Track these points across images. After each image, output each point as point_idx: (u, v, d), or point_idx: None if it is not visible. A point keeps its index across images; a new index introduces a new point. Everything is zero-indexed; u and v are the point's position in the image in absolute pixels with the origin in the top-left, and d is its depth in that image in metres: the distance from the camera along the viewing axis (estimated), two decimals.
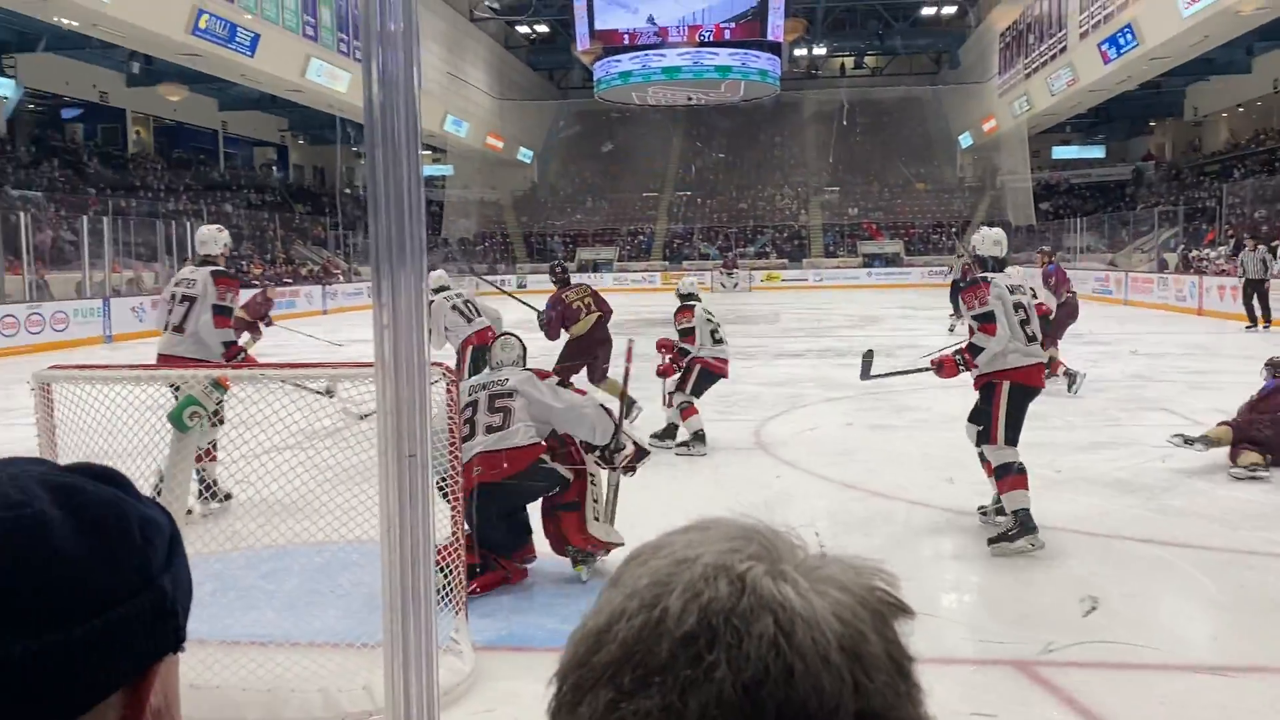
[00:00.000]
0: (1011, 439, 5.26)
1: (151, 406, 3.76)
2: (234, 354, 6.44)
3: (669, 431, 8.12)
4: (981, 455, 5.48)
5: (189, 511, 5.36)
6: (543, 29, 47.16)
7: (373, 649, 3.47)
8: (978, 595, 4.72)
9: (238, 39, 24.81)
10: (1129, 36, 26.26)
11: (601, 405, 5.06)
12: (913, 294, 33.21)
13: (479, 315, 8.93)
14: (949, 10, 44.08)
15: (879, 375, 6.59)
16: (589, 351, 9.35)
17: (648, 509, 5.81)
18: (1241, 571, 4.75)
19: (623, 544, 4.79)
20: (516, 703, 3.43)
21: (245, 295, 13.43)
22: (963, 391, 10.41)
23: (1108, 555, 5.04)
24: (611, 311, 9.44)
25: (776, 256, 43.56)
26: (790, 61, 40.26)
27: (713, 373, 8.22)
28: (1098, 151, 44.02)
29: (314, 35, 28.83)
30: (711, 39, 33.59)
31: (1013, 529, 5.06)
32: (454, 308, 8.95)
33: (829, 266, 41.42)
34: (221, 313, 6.31)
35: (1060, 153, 44.08)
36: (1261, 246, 17.79)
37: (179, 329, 6.32)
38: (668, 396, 8.18)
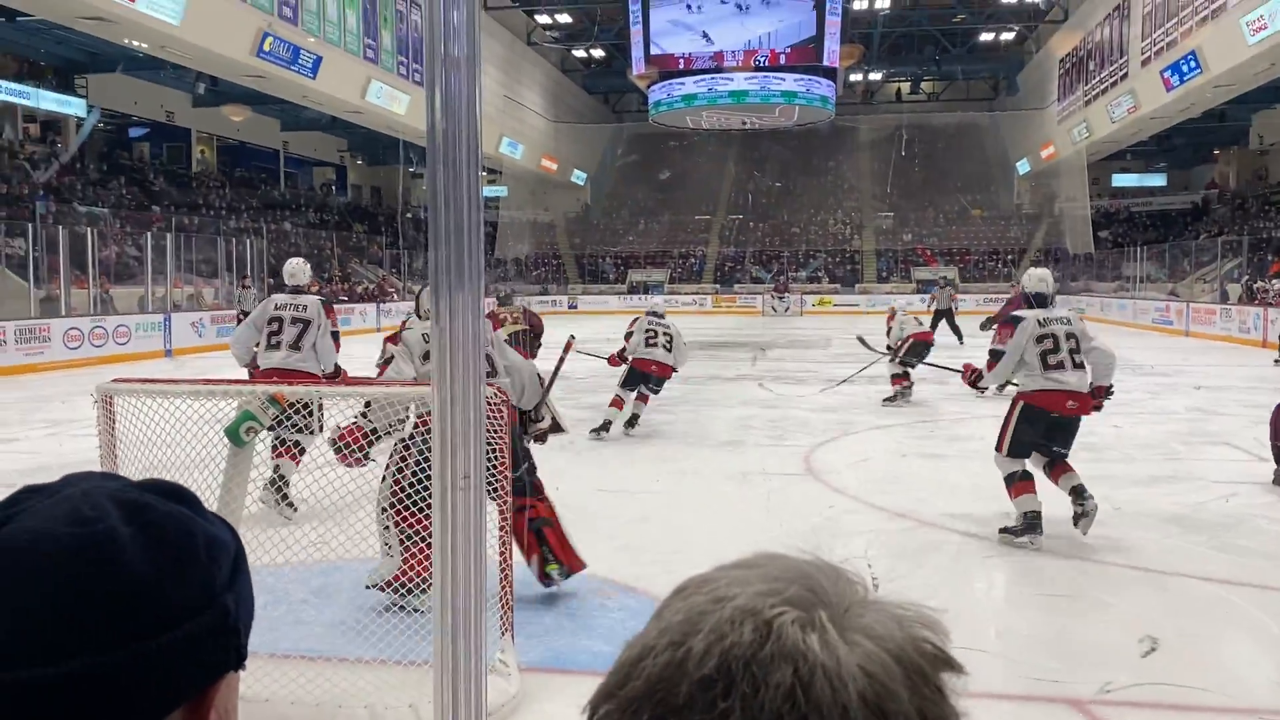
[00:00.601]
0: (1015, 452, 5.82)
1: (210, 420, 3.82)
2: (337, 373, 7.27)
3: (631, 421, 9.77)
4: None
5: (293, 507, 5.57)
6: (598, 53, 47.57)
7: (420, 667, 3.49)
8: (1030, 631, 4.63)
9: (300, 61, 25.35)
10: (1193, 64, 25.84)
11: (537, 374, 5.23)
12: (966, 321, 32.83)
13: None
14: (1007, 36, 43.72)
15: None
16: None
17: (693, 534, 5.79)
18: None
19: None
20: None
21: None
22: None
23: (1166, 593, 4.92)
24: (538, 326, 9.90)
25: (829, 281, 43.34)
26: (846, 86, 40.15)
27: (640, 370, 9.81)
28: (1159, 180, 43.30)
29: (374, 58, 29.36)
30: (767, 64, 33.63)
31: (1019, 526, 5.63)
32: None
33: (881, 292, 41.11)
34: (336, 338, 7.24)
35: (1120, 180, 43.42)
36: None
37: (295, 347, 6.95)
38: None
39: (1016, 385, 6.31)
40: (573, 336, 7.28)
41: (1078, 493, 5.69)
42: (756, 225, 47.64)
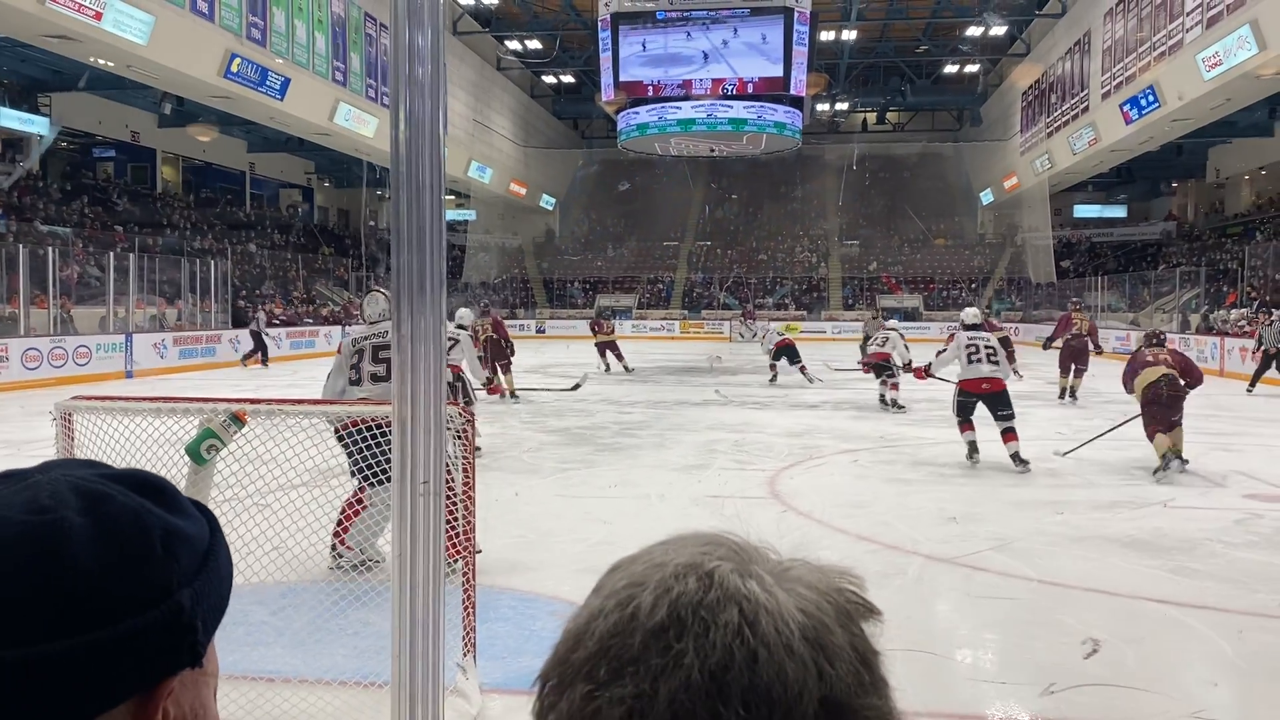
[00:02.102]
0: (961, 413, 9.51)
1: (170, 440, 3.79)
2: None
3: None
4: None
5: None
6: (568, 79, 47.80)
7: (379, 688, 3.47)
8: (985, 644, 4.67)
9: (268, 82, 25.27)
10: (1151, 98, 26.39)
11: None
12: (930, 349, 33.12)
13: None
14: (971, 69, 44.46)
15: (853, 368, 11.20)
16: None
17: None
18: (1258, 635, 4.69)
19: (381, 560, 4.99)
20: None
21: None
22: (982, 446, 10.35)
23: (1122, 613, 4.99)
24: (501, 334, 14.28)
25: (795, 308, 43.63)
26: (812, 115, 40.58)
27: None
28: (1119, 211, 44.08)
29: (343, 80, 29.33)
30: (735, 92, 33.93)
31: (967, 453, 9.36)
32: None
33: (847, 319, 41.44)
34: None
35: (1082, 211, 44.16)
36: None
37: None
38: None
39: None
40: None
41: (1015, 458, 9.14)
42: (724, 251, 47.93)
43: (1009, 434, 9.19)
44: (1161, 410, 8.91)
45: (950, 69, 44.89)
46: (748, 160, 43.11)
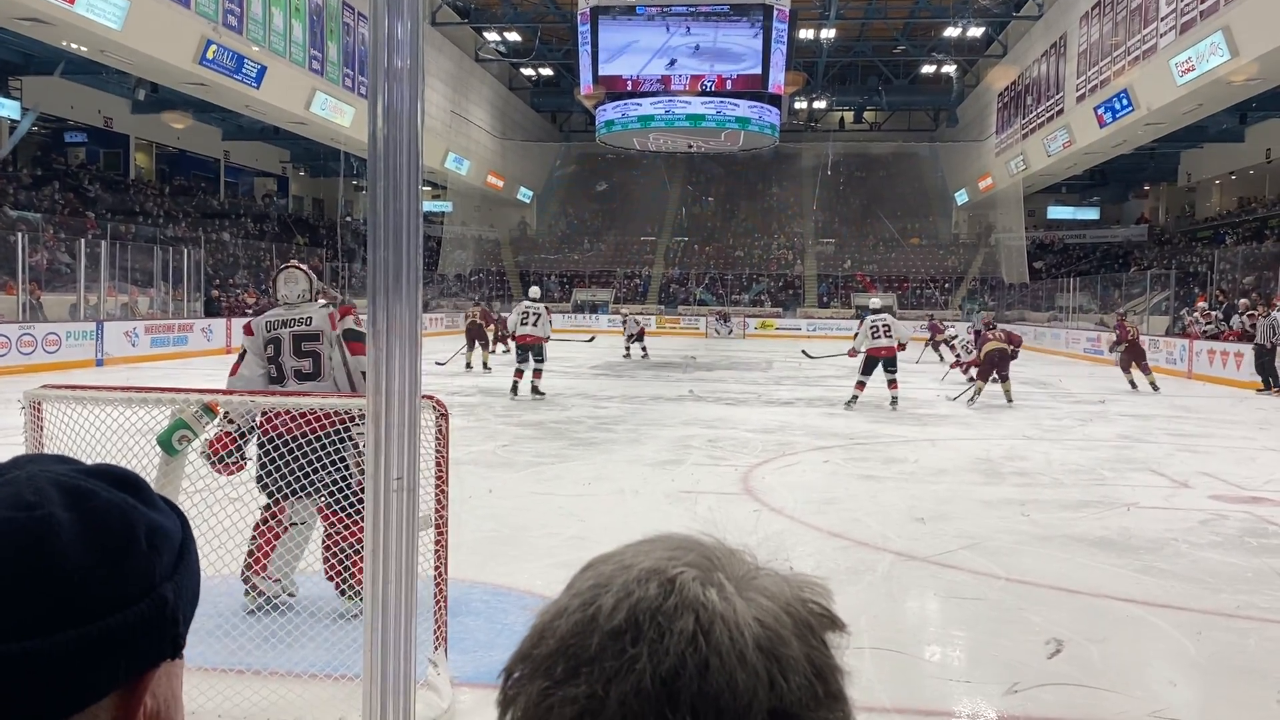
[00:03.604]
0: (865, 370, 13.89)
1: (141, 430, 3.77)
2: None
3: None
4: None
5: None
6: (547, 72, 47.69)
7: (351, 681, 3.47)
8: (951, 641, 4.72)
9: (244, 70, 25.06)
10: (1125, 101, 26.66)
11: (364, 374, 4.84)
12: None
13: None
14: (948, 69, 44.73)
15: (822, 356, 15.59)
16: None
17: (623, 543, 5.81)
18: (1220, 634, 4.76)
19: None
20: None
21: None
22: (953, 445, 10.44)
23: (1087, 612, 5.05)
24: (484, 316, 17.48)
25: (771, 305, 43.77)
26: (790, 114, 40.72)
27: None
28: (1092, 213, 44.51)
29: (320, 70, 29.12)
30: (714, 89, 33.98)
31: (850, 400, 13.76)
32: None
33: (822, 316, 41.61)
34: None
35: (1055, 212, 44.55)
36: (1276, 312, 17.94)
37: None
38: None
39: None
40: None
41: (893, 401, 13.96)
42: (701, 248, 48.00)
43: (892, 384, 14.13)
44: (991, 367, 14.88)
45: (927, 69, 45.17)
46: (725, 157, 43.22)
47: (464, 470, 7.88)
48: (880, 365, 13.89)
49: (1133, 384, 17.70)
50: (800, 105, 47.20)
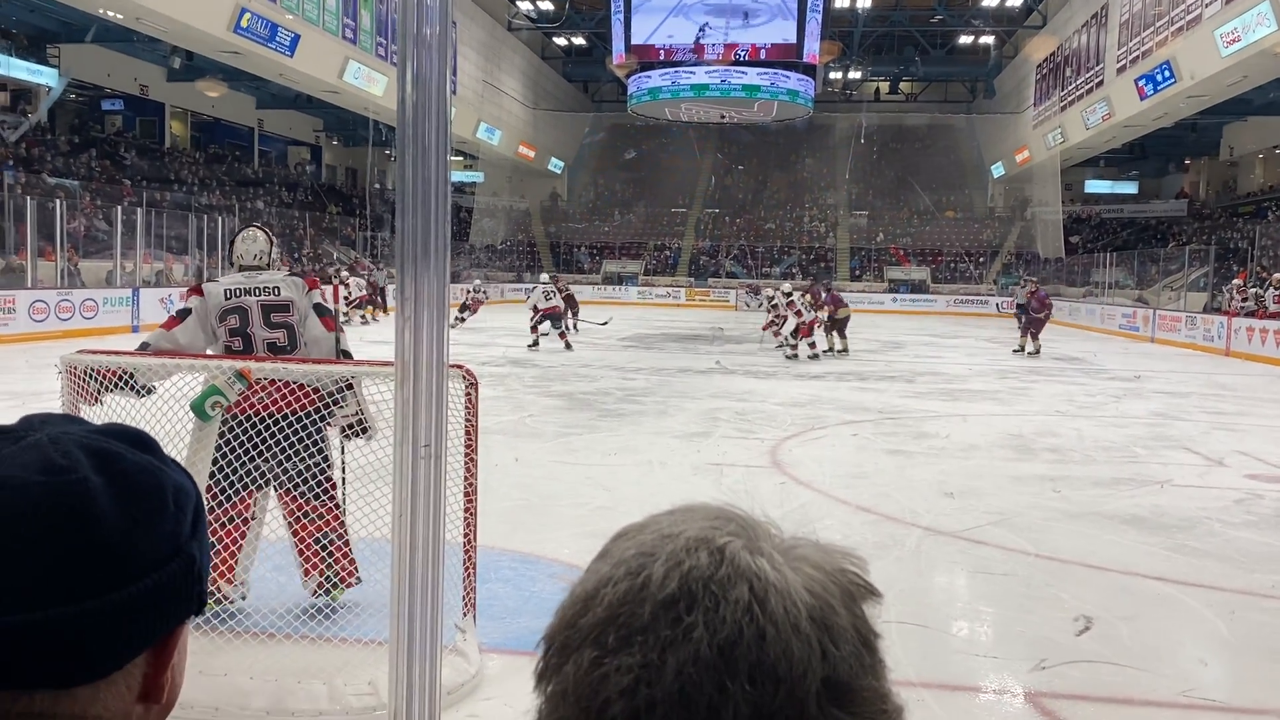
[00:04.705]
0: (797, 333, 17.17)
1: (175, 396, 3.81)
2: None
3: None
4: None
5: None
6: (579, 41, 47.43)
7: (380, 645, 3.51)
8: (979, 618, 4.71)
9: (278, 39, 25.11)
10: (1167, 73, 26.15)
11: (340, 352, 4.36)
12: (937, 321, 33.13)
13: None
14: (985, 40, 44.04)
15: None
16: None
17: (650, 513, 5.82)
18: (1253, 614, 4.71)
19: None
20: (519, 705, 3.45)
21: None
22: (985, 421, 10.38)
23: (1117, 590, 5.01)
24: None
25: (802, 278, 43.53)
26: (825, 84, 40.31)
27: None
28: (1130, 187, 43.80)
29: (353, 38, 29.13)
30: (747, 58, 33.68)
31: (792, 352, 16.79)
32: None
33: (854, 290, 41.36)
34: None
35: (1093, 186, 43.90)
36: None
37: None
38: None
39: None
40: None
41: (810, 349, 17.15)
42: (732, 220, 47.74)
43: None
44: (839, 324, 18.20)
45: (965, 40, 44.50)
46: (757, 128, 42.86)
47: (492, 440, 7.92)
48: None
49: (1023, 348, 19.22)
50: (835, 75, 46.69)
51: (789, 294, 18.64)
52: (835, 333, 18.40)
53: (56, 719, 0.59)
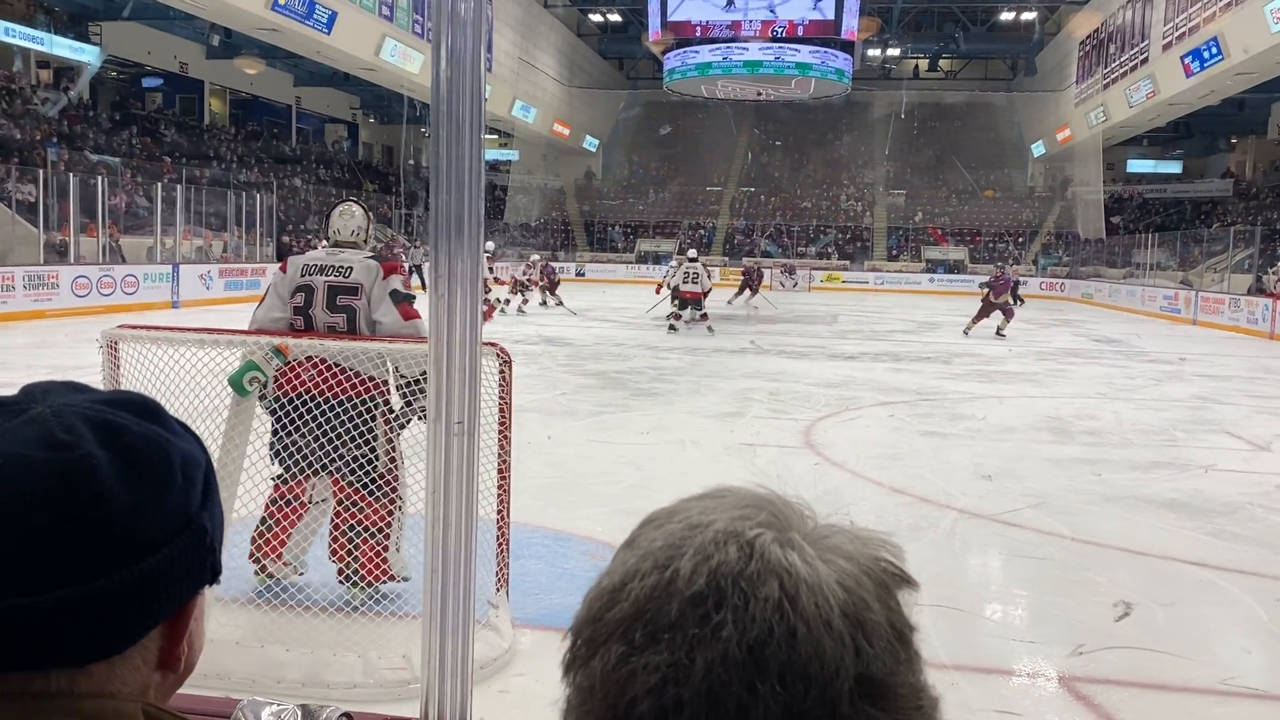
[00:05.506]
0: (677, 310, 17.36)
1: (213, 371, 3.84)
2: None
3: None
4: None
5: None
6: (615, 17, 47.21)
7: (414, 620, 3.54)
8: (1015, 601, 4.67)
9: (316, 16, 25.20)
10: (1214, 50, 25.61)
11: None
12: (974, 303, 32.70)
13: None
14: (1027, 16, 43.31)
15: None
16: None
17: (683, 494, 5.83)
18: None
19: (409, 578, 4.11)
20: (550, 680, 3.46)
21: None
22: (1022, 403, 10.28)
23: (1155, 574, 4.96)
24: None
25: (838, 257, 43.22)
26: (863, 61, 39.87)
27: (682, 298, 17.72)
28: (1174, 167, 43.01)
29: (389, 15, 29.19)
30: (785, 35, 33.37)
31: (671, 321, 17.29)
32: None
33: (891, 270, 41.02)
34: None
35: (1135, 166, 43.14)
36: None
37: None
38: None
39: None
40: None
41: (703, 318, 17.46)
42: (767, 198, 47.45)
43: (703, 318, 17.41)
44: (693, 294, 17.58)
45: (1006, 16, 43.79)
46: (794, 106, 42.51)
47: (526, 417, 7.95)
48: (690, 304, 17.33)
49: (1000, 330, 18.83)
50: (873, 52, 46.15)
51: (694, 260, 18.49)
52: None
53: (74, 697, 0.59)
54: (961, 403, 10.40)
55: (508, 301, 20.94)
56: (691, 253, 19.10)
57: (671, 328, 17.30)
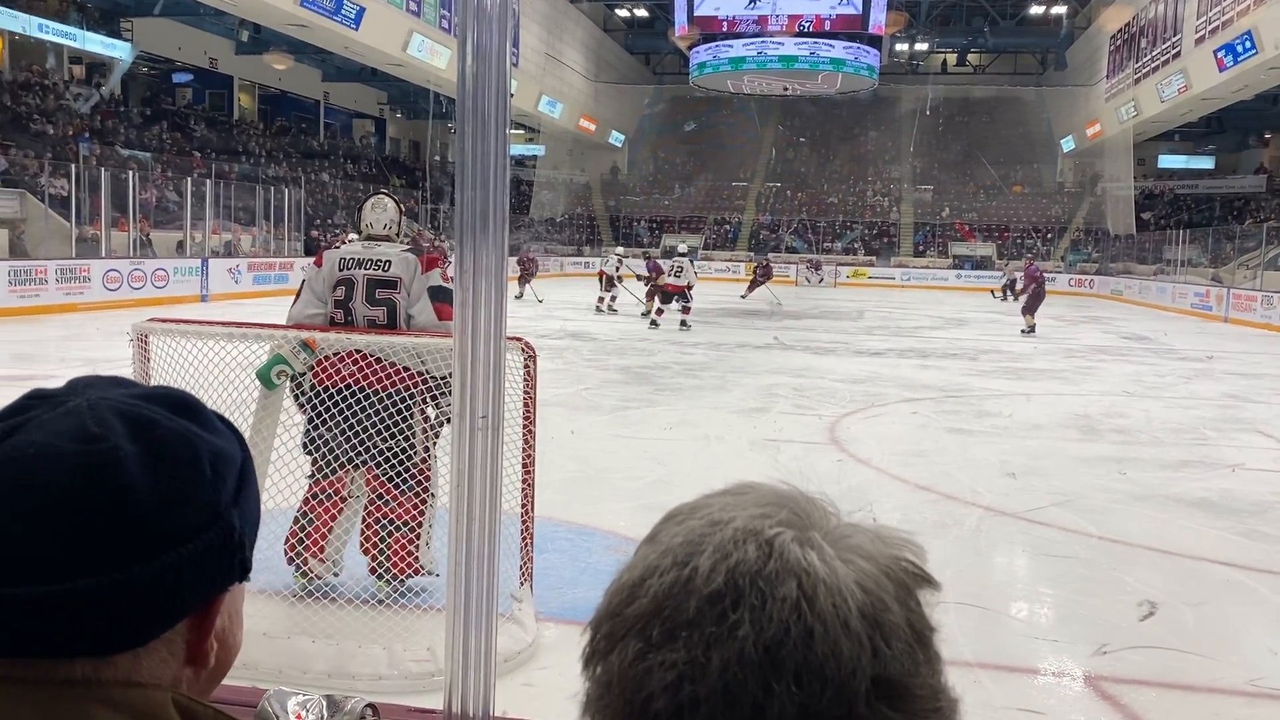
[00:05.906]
0: (661, 302, 17.53)
1: (242, 364, 3.88)
2: None
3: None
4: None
5: None
6: (641, 12, 47.15)
7: (438, 613, 3.56)
8: (1040, 600, 4.64)
9: (344, 11, 25.34)
10: (1248, 44, 25.26)
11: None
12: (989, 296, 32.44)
13: None
14: (1057, 10, 42.87)
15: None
16: None
17: (706, 489, 5.82)
18: None
19: (439, 574, 4.00)
20: (573, 673, 3.48)
21: None
22: (1049, 400, 10.20)
23: (1183, 574, 4.91)
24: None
25: (864, 253, 43.00)
26: (890, 56, 39.62)
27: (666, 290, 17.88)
28: (1206, 162, 42.45)
29: (417, 11, 29.29)
30: (812, 29, 33.22)
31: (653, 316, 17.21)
32: None
33: (917, 266, 40.77)
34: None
35: (1167, 161, 42.62)
36: None
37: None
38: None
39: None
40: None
41: (682, 324, 16.87)
42: (793, 194, 47.27)
43: (685, 310, 17.23)
44: (661, 286, 17.85)
45: (1035, 9, 43.38)
46: (820, 101, 42.32)
47: (550, 411, 7.97)
48: (675, 296, 17.42)
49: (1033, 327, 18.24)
50: (901, 47, 45.84)
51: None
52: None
53: (99, 685, 0.59)
54: (988, 400, 10.33)
55: (601, 300, 21.17)
56: (682, 248, 19.21)
57: (653, 323, 17.40)
